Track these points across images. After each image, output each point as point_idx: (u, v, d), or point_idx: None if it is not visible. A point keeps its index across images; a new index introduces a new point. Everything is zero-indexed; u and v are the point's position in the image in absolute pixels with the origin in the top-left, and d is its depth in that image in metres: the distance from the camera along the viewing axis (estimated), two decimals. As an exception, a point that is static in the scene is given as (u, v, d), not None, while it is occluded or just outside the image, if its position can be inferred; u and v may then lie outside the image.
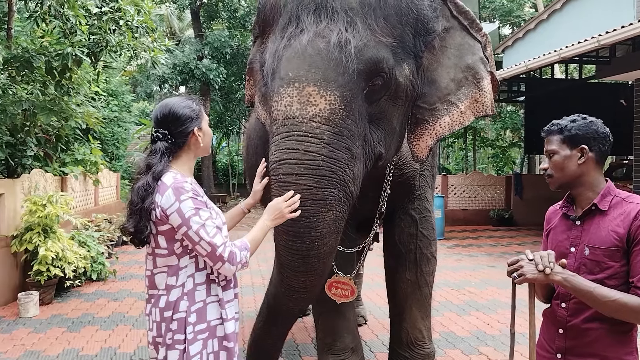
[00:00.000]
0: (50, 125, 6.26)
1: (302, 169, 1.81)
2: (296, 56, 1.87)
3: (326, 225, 1.86)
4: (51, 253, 5.05)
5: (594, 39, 6.77)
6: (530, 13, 20.89)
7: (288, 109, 1.85)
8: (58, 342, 4.21)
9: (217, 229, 1.74)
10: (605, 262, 1.65)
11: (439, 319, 4.77)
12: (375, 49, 1.91)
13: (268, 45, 2.05)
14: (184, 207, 1.71)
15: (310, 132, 1.82)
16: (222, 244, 1.73)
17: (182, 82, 16.29)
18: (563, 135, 1.73)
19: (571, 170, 1.72)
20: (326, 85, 1.83)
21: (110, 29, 5.32)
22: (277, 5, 2.04)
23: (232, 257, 1.73)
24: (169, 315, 1.78)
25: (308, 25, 1.89)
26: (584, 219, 1.74)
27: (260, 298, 5.49)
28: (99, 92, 8.15)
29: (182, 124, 1.82)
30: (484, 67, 2.27)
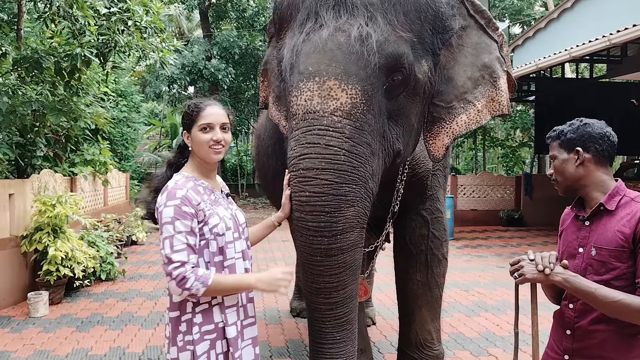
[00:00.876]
0: (59, 126, 6.30)
1: (324, 164, 1.78)
2: (316, 50, 1.85)
3: (348, 220, 1.82)
4: (61, 253, 5.07)
5: (605, 38, 6.70)
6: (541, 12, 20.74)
7: (308, 103, 1.82)
8: (67, 341, 4.23)
9: (186, 246, 1.71)
10: (612, 262, 1.65)
11: (448, 319, 4.73)
12: (396, 44, 1.89)
13: (286, 41, 2.04)
14: (164, 212, 1.74)
15: (331, 126, 1.79)
16: (178, 261, 1.68)
17: (191, 83, 16.34)
18: (560, 140, 1.78)
19: (570, 173, 1.76)
20: (347, 79, 1.80)
21: (119, 29, 5.33)
22: (294, 2, 2.03)
23: (181, 280, 1.67)
24: (176, 316, 1.79)
25: (327, 20, 1.87)
26: (592, 219, 1.75)
27: (268, 299, 5.51)
28: (108, 93, 8.18)
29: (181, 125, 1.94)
30: (501, 67, 2.25)
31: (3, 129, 5.54)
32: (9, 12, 6.55)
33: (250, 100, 17.13)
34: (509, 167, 16.90)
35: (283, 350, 4.04)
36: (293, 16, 2.03)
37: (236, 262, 1.86)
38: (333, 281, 1.87)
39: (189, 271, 1.68)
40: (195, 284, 1.68)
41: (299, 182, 1.83)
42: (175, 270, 1.68)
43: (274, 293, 1.84)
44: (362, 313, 3.13)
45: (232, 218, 1.90)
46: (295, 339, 4.31)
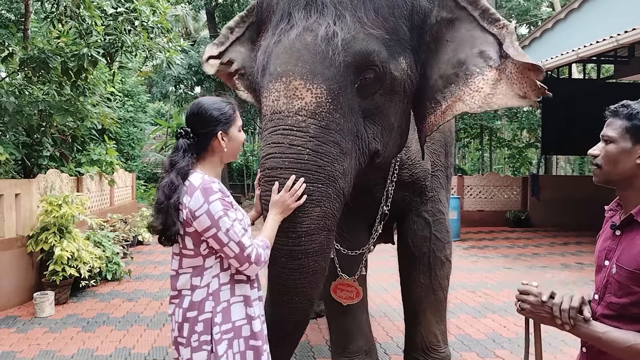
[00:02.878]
0: (66, 126, 6.32)
1: (287, 163, 1.78)
2: (284, 51, 1.85)
3: (313, 221, 1.81)
4: (67, 253, 5.08)
5: (612, 39, 6.65)
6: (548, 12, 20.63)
7: (275, 103, 1.83)
8: (73, 342, 4.23)
9: (244, 230, 1.76)
10: (630, 285, 1.38)
11: (455, 321, 4.70)
12: (365, 42, 1.86)
13: (261, 43, 2.04)
14: (213, 208, 1.71)
15: (295, 125, 1.79)
16: (249, 245, 1.74)
17: (198, 83, 16.38)
18: (631, 123, 1.40)
19: (625, 168, 1.42)
20: (312, 78, 1.79)
21: (126, 29, 5.34)
22: (271, 4, 2.03)
23: (258, 259, 1.75)
24: (193, 315, 1.77)
25: (298, 20, 1.88)
26: (623, 230, 1.46)
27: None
28: (114, 93, 8.22)
29: (207, 126, 1.81)
30: (484, 62, 1.99)
31: (10, 129, 5.56)
32: (16, 12, 6.57)
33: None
34: (515, 167, 16.82)
35: (288, 351, 4.03)
36: (269, 18, 2.03)
37: None
38: (293, 284, 1.87)
39: (258, 248, 1.75)
40: (265, 253, 1.78)
41: (265, 182, 1.85)
42: (252, 254, 1.73)
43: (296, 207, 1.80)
44: (366, 315, 3.12)
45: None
46: (302, 340, 4.27)
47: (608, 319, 1.45)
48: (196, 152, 1.83)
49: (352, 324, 2.90)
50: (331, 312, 2.93)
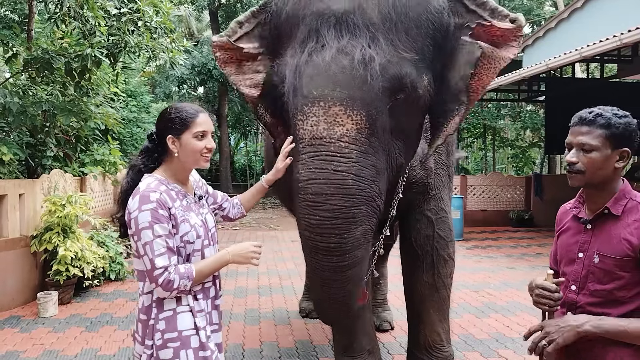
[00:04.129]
0: (69, 126, 6.33)
1: (332, 189, 1.81)
2: (319, 74, 1.84)
3: (356, 239, 1.88)
4: (70, 253, 5.09)
5: (615, 38, 6.62)
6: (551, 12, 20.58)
7: (314, 128, 1.83)
8: (76, 341, 4.24)
9: (166, 250, 1.71)
10: (616, 272, 1.52)
11: (458, 321, 4.70)
12: (399, 65, 1.88)
13: (287, 59, 2.00)
14: (141, 217, 1.70)
15: (338, 152, 1.81)
16: (162, 267, 1.69)
17: (201, 83, 16.45)
18: (609, 131, 1.51)
19: (607, 172, 1.55)
20: (352, 104, 1.81)
21: (129, 30, 5.36)
22: (293, 16, 1.99)
23: (167, 284, 1.70)
24: (144, 319, 1.80)
25: (329, 40, 1.85)
26: (595, 223, 1.60)
27: (277, 299, 5.50)
28: (118, 93, 8.22)
29: (160, 128, 1.84)
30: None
31: (14, 129, 5.59)
32: (20, 13, 6.60)
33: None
34: (518, 167, 16.79)
35: (292, 351, 4.03)
36: (293, 32, 1.99)
37: None
38: (340, 293, 1.96)
39: (172, 273, 1.70)
40: (182, 282, 1.72)
41: (308, 206, 1.85)
42: (160, 277, 1.69)
43: (248, 265, 1.89)
44: (370, 314, 3.13)
45: (203, 225, 1.87)
46: (305, 339, 4.29)
47: (594, 306, 1.57)
48: (157, 155, 1.86)
49: (358, 323, 2.89)
50: None
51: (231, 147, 20.51)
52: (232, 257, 1.85)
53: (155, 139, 1.86)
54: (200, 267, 1.78)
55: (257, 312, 5.06)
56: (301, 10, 1.96)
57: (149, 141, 1.87)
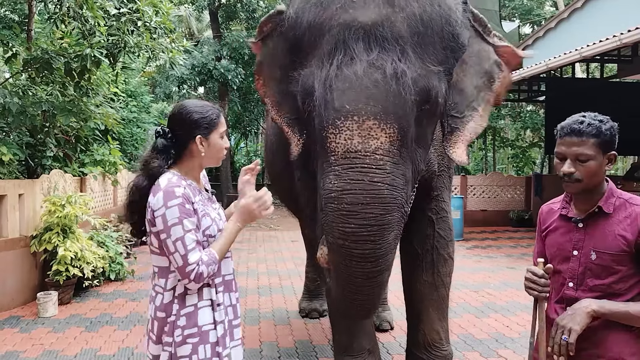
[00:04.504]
0: (69, 126, 6.34)
1: (368, 199, 1.88)
2: (351, 87, 1.87)
3: (389, 245, 1.97)
4: (70, 253, 5.09)
5: (615, 38, 6.62)
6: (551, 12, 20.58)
7: (349, 142, 1.87)
8: (76, 341, 4.24)
9: (196, 244, 1.72)
10: (613, 267, 1.61)
11: (458, 321, 4.69)
12: (427, 78, 1.95)
13: (313, 70, 2.00)
14: (169, 213, 1.69)
15: (374, 164, 1.88)
16: (194, 262, 1.70)
17: (201, 83, 16.41)
18: (600, 139, 1.59)
19: (600, 177, 1.65)
20: (386, 118, 1.86)
21: (129, 30, 5.35)
22: (317, 25, 1.99)
23: (199, 277, 1.71)
24: (162, 316, 1.78)
25: (359, 53, 1.88)
26: (586, 222, 1.68)
27: (277, 299, 5.50)
28: (118, 93, 8.23)
29: (186, 128, 1.80)
30: (498, 69, 2.36)
31: (13, 129, 5.59)
32: (20, 13, 6.61)
33: (260, 100, 17.11)
34: (519, 167, 16.78)
35: (292, 351, 4.03)
36: (317, 41, 2.00)
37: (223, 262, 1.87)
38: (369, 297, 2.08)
39: (201, 266, 1.70)
40: (210, 269, 1.73)
41: (343, 215, 1.90)
42: (192, 272, 1.69)
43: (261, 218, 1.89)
44: None
45: (221, 219, 1.90)
46: (304, 339, 4.29)
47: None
48: (174, 153, 1.82)
49: (358, 322, 2.90)
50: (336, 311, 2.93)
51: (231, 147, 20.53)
52: (242, 222, 1.85)
53: (171, 138, 1.81)
54: (219, 247, 1.79)
55: (256, 312, 5.06)
56: (326, 20, 1.96)
57: (165, 139, 1.80)
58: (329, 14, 1.96)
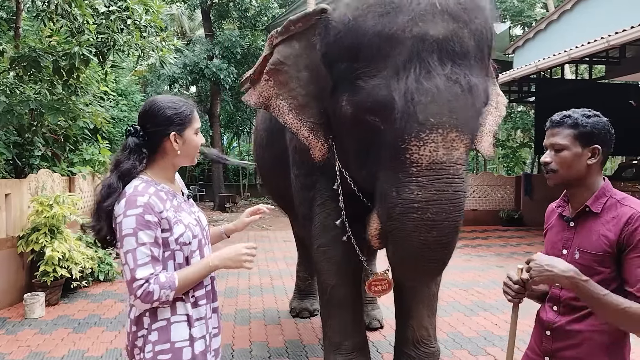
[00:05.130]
0: (57, 125, 6.28)
1: (451, 208, 1.97)
2: (434, 101, 1.92)
3: (456, 241, 2.12)
4: (57, 254, 5.04)
5: (603, 39, 6.69)
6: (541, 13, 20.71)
7: (434, 154, 1.94)
8: (63, 343, 4.20)
9: (150, 259, 1.59)
10: (595, 267, 1.58)
11: (447, 319, 4.71)
12: (488, 90, 2.14)
13: (386, 81, 1.99)
14: (125, 223, 1.58)
15: (456, 174, 1.98)
16: (142, 278, 1.56)
17: (193, 82, 16.34)
18: (577, 130, 1.60)
19: (579, 170, 1.62)
20: (464, 129, 1.96)
21: (118, 28, 5.31)
22: (388, 35, 1.98)
23: (146, 296, 1.57)
24: (134, 330, 1.69)
25: (435, 67, 1.93)
26: (577, 221, 1.67)
27: (268, 299, 5.48)
28: (108, 92, 8.17)
29: (158, 125, 1.69)
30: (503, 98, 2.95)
31: (0, 128, 5.52)
32: (7, 10, 6.54)
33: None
34: (509, 167, 16.87)
35: (282, 350, 4.02)
36: (386, 51, 1.98)
37: None
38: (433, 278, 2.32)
39: (151, 284, 1.57)
40: (163, 293, 1.58)
41: (426, 225, 1.97)
42: (139, 289, 1.56)
43: (239, 269, 1.74)
44: (362, 312, 3.15)
45: (198, 223, 1.78)
46: (295, 339, 4.28)
47: (575, 300, 1.63)
48: (147, 152, 1.70)
49: (350, 320, 2.91)
50: (330, 308, 2.92)
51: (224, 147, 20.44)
52: (220, 262, 1.71)
53: (143, 136, 1.69)
54: (184, 275, 1.64)
55: (247, 312, 5.04)
56: (398, 31, 1.96)
57: (137, 138, 1.69)
58: (399, 24, 1.96)
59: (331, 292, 2.86)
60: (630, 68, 7.78)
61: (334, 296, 2.86)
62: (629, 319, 1.47)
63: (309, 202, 2.91)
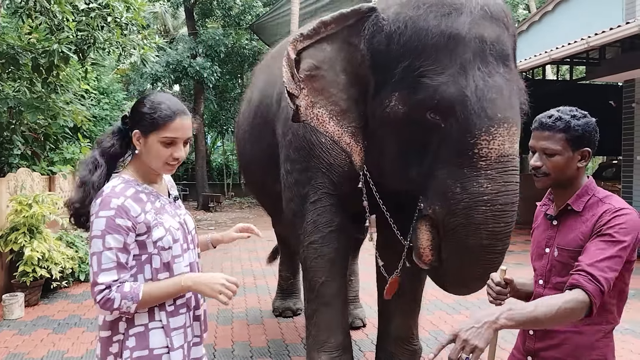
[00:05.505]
0: (37, 124, 6.19)
1: (515, 198, 2.08)
2: (500, 97, 2.04)
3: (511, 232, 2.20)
4: (37, 254, 4.97)
5: (583, 41, 6.79)
6: (524, 14, 20.95)
7: (502, 147, 2.03)
8: (43, 344, 4.14)
9: (115, 265, 1.52)
10: (571, 263, 1.56)
11: (429, 317, 4.74)
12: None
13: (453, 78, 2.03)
14: (95, 223, 1.53)
15: (516, 166, 2.09)
16: (103, 283, 1.50)
17: (176, 81, 16.22)
18: (569, 134, 1.56)
19: (570, 173, 1.61)
20: (518, 124, 2.10)
21: (99, 25, 5.26)
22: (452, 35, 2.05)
23: (106, 303, 1.50)
24: (107, 335, 1.60)
25: (495, 66, 2.06)
26: (560, 219, 1.67)
27: (251, 299, 5.46)
28: (89, 90, 8.07)
29: (132, 117, 1.65)
30: None
31: (-22, 127, 5.43)
32: (-15, 7, 6.41)
33: (236, 99, 17.04)
34: (492, 167, 17.03)
35: (264, 350, 4.02)
36: (451, 50, 2.04)
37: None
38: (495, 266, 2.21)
39: (113, 291, 1.50)
40: (123, 303, 1.50)
41: (495, 216, 2.06)
42: (99, 294, 1.49)
43: (212, 298, 1.59)
44: (347, 309, 3.16)
45: (180, 227, 1.69)
46: (277, 338, 4.28)
47: None
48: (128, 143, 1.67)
49: (336, 318, 2.91)
50: (318, 306, 2.90)
51: (207, 146, 20.33)
52: (194, 284, 1.59)
53: (127, 124, 1.66)
54: (150, 288, 1.55)
55: (230, 312, 5.02)
56: (461, 31, 2.05)
57: (122, 123, 1.68)
58: (462, 25, 2.05)
59: (320, 289, 2.85)
60: (609, 69, 7.89)
61: (323, 293, 2.85)
62: (567, 317, 1.44)
63: (302, 199, 2.88)
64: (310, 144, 2.76)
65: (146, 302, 1.55)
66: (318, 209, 2.82)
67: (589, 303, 1.43)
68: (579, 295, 1.44)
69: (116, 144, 1.66)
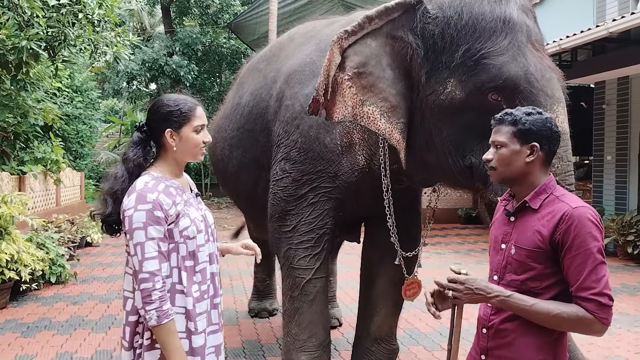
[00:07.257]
0: (6, 122, 6.04)
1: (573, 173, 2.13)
2: (552, 77, 2.13)
3: None
4: (5, 255, 4.84)
5: (555, 43, 6.91)
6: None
7: (563, 125, 2.04)
8: (10, 348, 4.04)
9: (157, 254, 1.66)
10: (528, 263, 1.58)
11: (404, 315, 4.75)
12: None
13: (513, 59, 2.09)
14: (136, 216, 1.66)
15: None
16: (149, 271, 1.64)
17: (152, 79, 16.03)
18: (516, 128, 1.59)
19: (517, 167, 1.61)
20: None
21: (70, 22, 5.15)
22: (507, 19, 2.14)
23: (146, 297, 1.63)
24: (134, 320, 1.73)
25: (541, 51, 2.17)
26: (517, 215, 1.66)
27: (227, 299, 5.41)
28: (61, 88, 7.92)
29: (157, 121, 1.79)
30: None
31: (-56, 125, 5.28)
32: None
33: (214, 98, 16.90)
34: (468, 166, 17.29)
35: (239, 351, 3.99)
36: (507, 33, 2.12)
37: (206, 267, 1.80)
38: None
39: (156, 293, 1.63)
40: (152, 313, 1.62)
41: None
42: (143, 282, 1.63)
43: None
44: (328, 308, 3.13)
45: (203, 220, 1.84)
46: (252, 339, 4.26)
47: None
48: (154, 147, 1.83)
49: (319, 317, 2.88)
50: (301, 304, 2.87)
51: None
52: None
53: (147, 131, 1.80)
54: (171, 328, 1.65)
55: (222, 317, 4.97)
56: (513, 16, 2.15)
57: (140, 132, 1.81)
58: (512, 11, 2.16)
59: (305, 287, 2.82)
60: (581, 71, 8.05)
61: (308, 291, 2.82)
62: (563, 322, 1.52)
63: (297, 199, 2.83)
64: (322, 146, 2.69)
65: (157, 331, 1.65)
66: (316, 210, 2.79)
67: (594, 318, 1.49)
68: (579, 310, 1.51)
69: (139, 152, 1.79)
